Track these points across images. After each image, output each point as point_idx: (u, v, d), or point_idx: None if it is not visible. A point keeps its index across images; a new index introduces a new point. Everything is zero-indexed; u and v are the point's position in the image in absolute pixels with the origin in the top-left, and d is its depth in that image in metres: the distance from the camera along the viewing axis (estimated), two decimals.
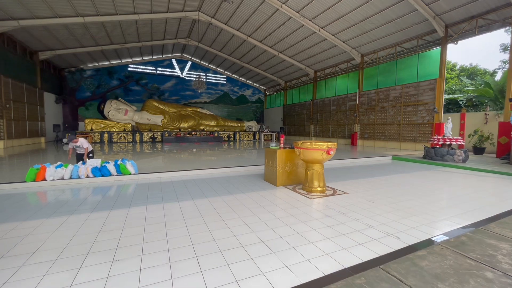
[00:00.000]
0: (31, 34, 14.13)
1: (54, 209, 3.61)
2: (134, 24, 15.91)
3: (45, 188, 4.89)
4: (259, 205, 3.85)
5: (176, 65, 25.24)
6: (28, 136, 15.03)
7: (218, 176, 6.15)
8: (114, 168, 5.58)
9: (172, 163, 8.11)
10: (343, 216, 3.43)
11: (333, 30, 14.69)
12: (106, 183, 5.30)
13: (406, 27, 12.70)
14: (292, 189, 4.93)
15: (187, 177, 6.03)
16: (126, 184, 5.27)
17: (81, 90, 21.55)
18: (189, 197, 4.30)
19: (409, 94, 13.46)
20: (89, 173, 5.33)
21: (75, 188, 4.95)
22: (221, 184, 5.33)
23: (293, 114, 24.41)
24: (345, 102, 17.90)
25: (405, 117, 13.65)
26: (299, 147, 4.64)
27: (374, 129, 15.52)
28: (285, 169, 5.19)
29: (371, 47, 15.33)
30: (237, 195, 4.42)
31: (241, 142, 19.58)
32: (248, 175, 6.36)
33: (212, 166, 7.23)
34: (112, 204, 3.89)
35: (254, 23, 16.02)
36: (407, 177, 6.40)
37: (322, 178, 4.73)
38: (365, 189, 5.00)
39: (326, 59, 18.51)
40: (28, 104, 15.00)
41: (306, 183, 4.75)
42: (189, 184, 5.28)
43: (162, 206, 3.76)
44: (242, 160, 9.07)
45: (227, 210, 3.62)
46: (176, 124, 20.65)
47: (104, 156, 9.95)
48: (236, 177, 6.04)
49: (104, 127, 17.74)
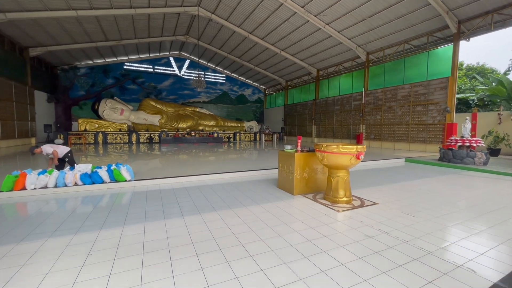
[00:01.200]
0: (21, 28, 13.31)
1: (30, 229, 2.91)
2: (130, 19, 15.17)
3: (25, 199, 4.19)
4: (280, 221, 3.21)
5: (174, 63, 24.51)
6: (17, 137, 14.20)
7: (224, 182, 5.49)
8: (107, 174, 4.89)
9: (172, 167, 7.42)
10: (387, 236, 2.80)
11: (339, 26, 14.12)
12: (97, 192, 4.60)
13: (416, 23, 12.17)
14: (312, 198, 4.29)
15: (189, 183, 5.36)
16: (121, 193, 4.59)
17: (74, 88, 20.70)
18: (195, 210, 3.64)
19: (418, 93, 12.93)
20: (78, 180, 4.63)
21: (60, 198, 4.26)
22: (229, 192, 4.67)
23: (294, 114, 23.82)
24: (350, 102, 17.34)
25: (414, 117, 13.12)
26: (322, 150, 4.00)
27: (381, 130, 14.98)
28: (303, 175, 4.55)
29: (378, 45, 14.79)
30: (251, 207, 3.77)
31: (241, 143, 18.92)
32: (257, 180, 5.71)
33: (216, 170, 6.56)
34: (102, 220, 3.21)
35: (256, 19, 15.38)
36: (432, 182, 5.81)
37: (348, 186, 4.11)
38: (396, 199, 4.38)
39: (329, 58, 17.94)
40: (17, 103, 14.16)
41: (330, 192, 4.12)
42: (193, 193, 4.61)
43: (164, 224, 3.09)
44: (248, 163, 8.42)
45: (244, 228, 2.97)
46: (174, 124, 19.91)
47: (97, 159, 9.22)
48: (244, 184, 5.39)
49: (98, 127, 16.94)
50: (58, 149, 5.35)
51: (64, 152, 5.49)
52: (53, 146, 5.32)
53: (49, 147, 5.20)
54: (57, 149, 5.33)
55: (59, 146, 5.44)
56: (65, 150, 5.51)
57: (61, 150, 5.44)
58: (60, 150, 5.41)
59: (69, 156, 5.58)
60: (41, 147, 5.12)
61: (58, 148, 5.37)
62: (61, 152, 5.44)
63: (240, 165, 7.76)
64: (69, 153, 5.58)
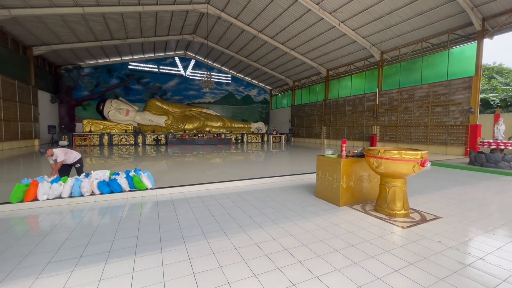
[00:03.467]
0: (24, 26, 12.85)
1: (47, 255, 2.40)
2: (138, 17, 14.71)
3: (36, 211, 3.68)
4: (345, 242, 2.69)
5: (179, 63, 24.05)
6: (20, 139, 13.70)
7: (252, 189, 4.98)
8: (126, 182, 4.38)
9: (189, 171, 6.91)
10: (484, 262, 2.29)
11: (354, 24, 13.65)
12: (117, 202, 4.09)
13: (437, 20, 11.69)
14: (362, 210, 3.78)
15: (216, 191, 4.85)
16: (143, 203, 4.08)
17: (78, 89, 20.23)
18: (237, 226, 3.13)
19: (438, 93, 12.44)
20: (95, 189, 4.12)
21: (76, 209, 3.75)
22: (263, 201, 4.17)
23: (302, 115, 23.32)
24: (362, 102, 16.85)
25: (433, 118, 12.62)
26: (378, 156, 3.49)
27: (397, 131, 14.47)
28: (349, 184, 4.04)
29: (393, 44, 14.31)
30: (300, 223, 3.26)
31: (249, 145, 18.43)
32: (288, 187, 5.20)
33: (239, 175, 6.05)
34: (133, 240, 2.70)
35: (268, 17, 14.91)
36: (480, 189, 5.29)
37: (406, 197, 3.60)
38: (456, 210, 3.87)
39: (341, 57, 17.47)
40: (20, 103, 13.68)
41: (385, 203, 3.61)
42: (223, 202, 4.10)
43: (209, 246, 2.57)
44: (269, 168, 7.92)
45: (307, 253, 2.45)
46: (180, 126, 19.42)
47: (102, 162, 8.71)
48: (275, 191, 4.88)
49: (103, 129, 16.45)
50: (71, 155, 4.85)
51: (76, 158, 4.99)
52: (67, 152, 4.81)
53: (62, 154, 4.68)
54: (70, 155, 4.83)
55: (72, 152, 4.93)
56: (77, 156, 5.01)
57: (73, 156, 4.93)
58: (73, 156, 4.91)
59: (81, 163, 5.08)
60: (53, 150, 4.61)
61: (71, 154, 4.87)
62: (73, 158, 4.93)
63: (262, 170, 7.26)
64: (81, 160, 5.08)
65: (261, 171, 7.00)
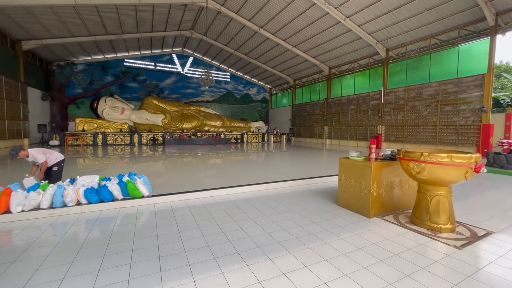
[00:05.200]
0: (12, 18, 12.07)
1: (15, 277, 1.79)
2: (133, 11, 14.00)
3: (9, 226, 3.04)
4: (392, 269, 2.12)
5: (177, 60, 23.34)
6: (8, 138, 12.92)
7: (261, 195, 4.40)
8: (119, 189, 3.76)
9: (191, 174, 6.29)
10: None
11: (360, 20, 13.13)
12: (107, 213, 3.47)
13: (447, 15, 11.21)
14: (397, 222, 3.22)
15: (221, 198, 4.26)
16: (139, 214, 3.47)
17: (71, 86, 19.43)
18: (255, 247, 2.53)
19: (448, 91, 11.98)
20: (81, 198, 3.49)
21: (58, 223, 3.13)
22: (281, 212, 3.58)
23: (303, 114, 22.79)
24: (367, 101, 16.36)
25: (443, 117, 12.16)
26: (421, 160, 2.92)
27: (403, 131, 14.00)
28: (380, 191, 3.48)
29: (400, 40, 13.82)
30: (331, 241, 2.68)
31: (249, 145, 17.83)
32: (302, 192, 4.63)
33: (246, 179, 5.46)
34: (126, 268, 2.09)
35: (270, 11, 14.32)
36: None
37: (452, 209, 3.04)
38: (506, 222, 3.33)
39: (344, 54, 16.96)
40: (8, 100, 12.89)
41: (426, 215, 3.05)
42: (233, 213, 3.51)
43: (224, 279, 1.98)
44: (277, 170, 7.34)
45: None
46: (178, 125, 18.74)
47: (94, 163, 8.04)
48: (290, 198, 4.30)
49: (97, 128, 15.70)
50: (51, 155, 4.17)
51: (57, 159, 4.28)
52: (46, 152, 4.12)
53: (41, 154, 4.00)
54: (50, 155, 4.16)
55: (53, 152, 4.24)
56: (58, 158, 4.31)
57: (54, 157, 4.23)
58: (53, 156, 4.21)
59: (60, 166, 4.33)
60: (28, 151, 3.94)
61: (52, 155, 4.18)
62: (53, 159, 4.22)
63: (269, 173, 6.67)
64: (61, 163, 4.36)
65: (269, 174, 6.41)
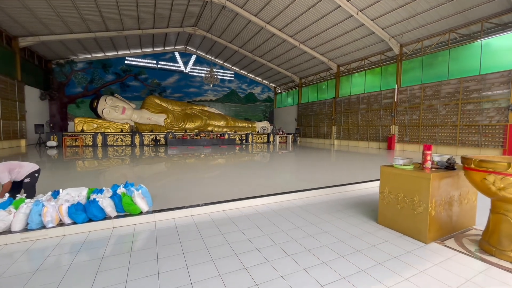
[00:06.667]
0: (7, 13, 11.49)
1: None
2: (135, 6, 13.37)
3: None
4: None
5: (179, 58, 22.71)
6: (3, 139, 12.33)
7: (283, 208, 3.70)
8: (112, 204, 3.08)
9: (196, 180, 5.60)
10: None
11: (374, 13, 12.37)
12: (96, 235, 2.79)
13: (470, 8, 10.42)
14: (466, 251, 2.50)
15: (235, 212, 3.57)
16: (136, 235, 2.78)
17: (71, 85, 18.86)
18: None
19: (469, 89, 11.19)
20: (64, 217, 2.82)
21: (34, 249, 2.46)
22: (312, 235, 2.87)
23: (309, 113, 22.04)
24: (378, 100, 15.59)
25: (464, 117, 11.38)
26: (506, 173, 2.20)
27: (419, 131, 13.22)
28: (439, 209, 2.76)
29: (415, 35, 13.04)
30: (392, 282, 1.97)
31: (255, 145, 17.14)
32: (330, 205, 3.92)
33: (260, 187, 4.76)
34: None
35: (277, 5, 13.61)
36: None
37: None
38: None
39: (354, 51, 16.20)
40: (3, 99, 12.31)
41: (508, 244, 2.33)
42: (252, 234, 2.80)
43: None
44: (295, 175, 6.63)
45: None
46: (181, 125, 18.10)
47: (91, 167, 7.37)
48: (318, 212, 3.59)
49: (97, 128, 15.11)
50: (22, 170, 3.35)
51: (28, 171, 3.39)
52: (13, 167, 3.29)
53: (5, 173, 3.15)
54: (20, 170, 3.34)
55: (23, 165, 3.40)
56: (30, 169, 3.42)
57: (25, 171, 3.38)
58: (24, 170, 3.37)
59: (34, 177, 3.46)
60: None
61: (22, 168, 3.36)
62: (24, 173, 3.36)
63: (287, 179, 5.97)
64: (35, 173, 3.49)
65: (287, 181, 5.71)
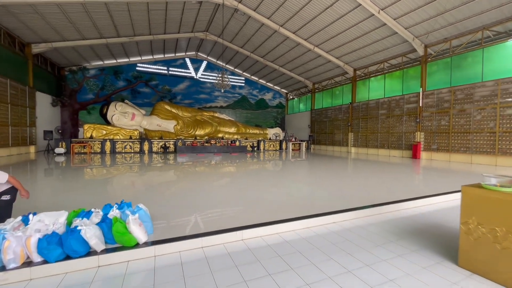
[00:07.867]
0: (19, 18, 11.41)
1: None
2: (146, 10, 13.10)
3: None
4: None
5: (190, 65, 22.50)
6: (12, 145, 12.09)
7: (317, 236, 2.86)
8: (99, 234, 2.34)
9: (206, 196, 4.83)
10: None
11: (397, 12, 11.52)
12: (75, 279, 2.04)
13: (508, 2, 9.41)
14: None
15: (256, 242, 2.75)
16: (128, 277, 2.01)
17: (82, 91, 18.86)
18: None
19: (509, 91, 10.03)
20: (32, 254, 2.09)
21: None
22: (367, 282, 2.02)
23: (323, 120, 21.08)
24: (400, 105, 14.52)
25: (503, 122, 10.18)
26: None
27: (449, 139, 12.04)
28: None
29: (443, 35, 12.05)
30: None
31: (267, 153, 16.32)
32: (376, 232, 3.03)
33: (285, 207, 3.93)
34: None
35: (292, 7, 13.00)
36: None
37: None
38: None
39: (373, 54, 15.30)
40: (12, 105, 12.13)
41: None
42: (284, 280, 1.98)
43: None
44: (331, 193, 5.77)
45: None
46: (191, 131, 17.57)
47: (92, 176, 6.75)
48: (367, 245, 2.71)
49: (106, 134, 14.76)
50: None
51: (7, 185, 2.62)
52: None
53: None
54: None
55: None
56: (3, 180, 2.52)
57: None
58: None
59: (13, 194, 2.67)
60: None
61: None
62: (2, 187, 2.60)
63: (315, 197, 5.12)
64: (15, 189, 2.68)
65: (315, 199, 4.86)
